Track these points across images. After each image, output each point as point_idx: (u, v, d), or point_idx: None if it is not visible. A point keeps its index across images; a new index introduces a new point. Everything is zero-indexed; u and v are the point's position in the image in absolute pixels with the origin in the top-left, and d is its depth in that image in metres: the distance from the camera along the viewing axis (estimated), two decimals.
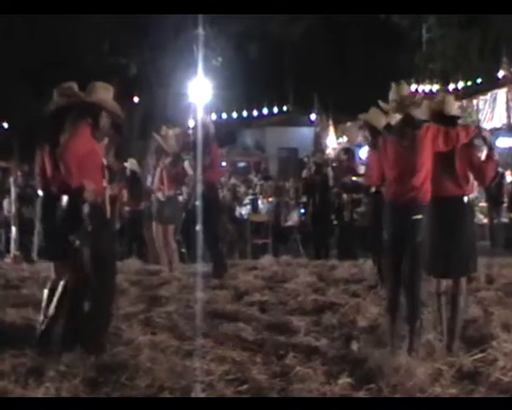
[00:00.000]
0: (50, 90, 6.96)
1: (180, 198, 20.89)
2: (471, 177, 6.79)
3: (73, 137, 6.34)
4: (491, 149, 6.86)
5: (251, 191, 23.37)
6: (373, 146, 9.12)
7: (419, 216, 6.32)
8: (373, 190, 9.22)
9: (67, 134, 6.37)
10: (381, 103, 6.87)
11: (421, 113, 6.49)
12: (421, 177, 6.35)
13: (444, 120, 6.70)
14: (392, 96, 6.58)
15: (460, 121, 7.03)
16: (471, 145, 6.74)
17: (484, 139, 6.87)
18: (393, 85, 6.61)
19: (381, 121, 8.67)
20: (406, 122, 6.42)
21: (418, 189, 6.35)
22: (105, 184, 6.50)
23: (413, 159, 6.34)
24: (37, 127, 8.36)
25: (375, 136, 9.16)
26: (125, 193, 12.89)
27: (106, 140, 7.00)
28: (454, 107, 7.02)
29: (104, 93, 6.62)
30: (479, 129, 6.98)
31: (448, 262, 6.68)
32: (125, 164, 13.40)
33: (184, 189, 20.14)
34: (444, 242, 6.63)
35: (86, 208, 6.26)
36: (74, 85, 6.83)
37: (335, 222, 16.15)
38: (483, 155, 6.83)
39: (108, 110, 6.58)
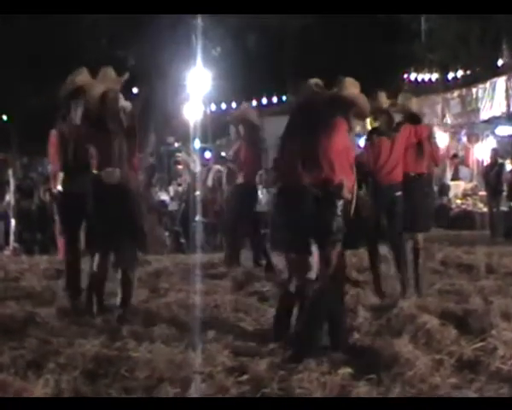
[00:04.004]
0: (49, 83, 6.88)
1: (179, 189, 21.01)
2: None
3: (334, 132, 6.24)
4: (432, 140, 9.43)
5: None
6: (247, 141, 10.38)
7: (399, 193, 8.41)
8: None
9: (325, 129, 6.24)
10: (380, 98, 8.50)
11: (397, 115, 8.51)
12: (397, 164, 8.39)
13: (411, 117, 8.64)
14: (380, 102, 8.45)
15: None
16: (430, 138, 9.13)
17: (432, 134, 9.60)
18: (379, 94, 8.46)
19: (256, 117, 11.46)
20: (389, 124, 8.45)
21: (393, 173, 8.37)
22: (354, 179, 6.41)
23: (392, 151, 8.37)
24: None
25: (250, 131, 10.29)
26: None
27: None
28: (415, 105, 8.87)
29: (354, 89, 6.51)
30: (430, 126, 10.22)
31: (426, 219, 8.98)
32: None
33: (184, 179, 20.21)
34: (422, 205, 8.77)
35: (341, 206, 6.18)
36: (319, 81, 6.62)
37: None
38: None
39: (359, 106, 6.49)
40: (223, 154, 21.04)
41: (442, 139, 23.07)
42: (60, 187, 7.98)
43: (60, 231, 8.66)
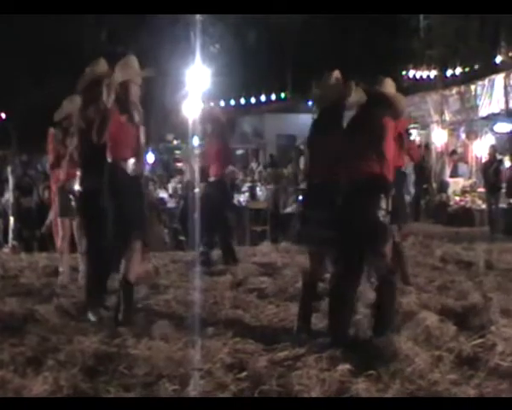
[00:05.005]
0: (49, 79, 6.78)
1: (179, 186, 21.00)
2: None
3: (384, 130, 6.36)
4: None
5: (249, 178, 23.40)
6: (216, 139, 10.65)
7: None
8: None
9: (374, 127, 6.37)
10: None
11: None
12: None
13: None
14: None
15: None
16: (407, 132, 9.30)
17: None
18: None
19: (223, 115, 11.74)
20: None
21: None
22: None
23: None
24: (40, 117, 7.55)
25: (218, 129, 10.55)
26: None
27: None
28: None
29: (393, 89, 6.65)
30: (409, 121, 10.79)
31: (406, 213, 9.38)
32: None
33: (183, 176, 20.21)
34: (403, 199, 8.96)
35: (384, 201, 6.30)
36: (338, 73, 6.80)
37: None
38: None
39: (398, 106, 6.64)
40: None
41: (441, 136, 23.10)
42: (78, 186, 7.71)
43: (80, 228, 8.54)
